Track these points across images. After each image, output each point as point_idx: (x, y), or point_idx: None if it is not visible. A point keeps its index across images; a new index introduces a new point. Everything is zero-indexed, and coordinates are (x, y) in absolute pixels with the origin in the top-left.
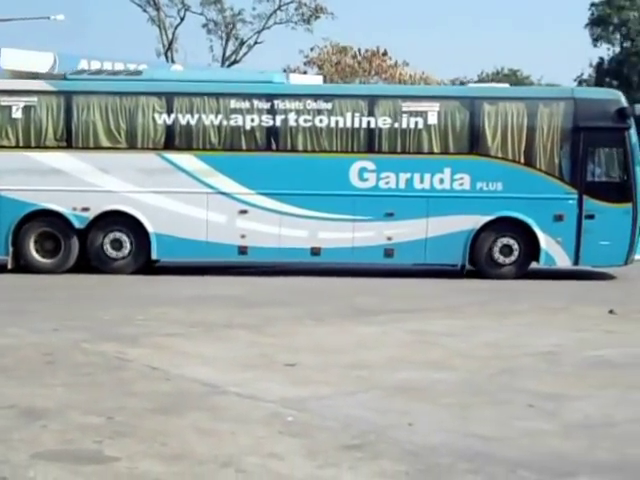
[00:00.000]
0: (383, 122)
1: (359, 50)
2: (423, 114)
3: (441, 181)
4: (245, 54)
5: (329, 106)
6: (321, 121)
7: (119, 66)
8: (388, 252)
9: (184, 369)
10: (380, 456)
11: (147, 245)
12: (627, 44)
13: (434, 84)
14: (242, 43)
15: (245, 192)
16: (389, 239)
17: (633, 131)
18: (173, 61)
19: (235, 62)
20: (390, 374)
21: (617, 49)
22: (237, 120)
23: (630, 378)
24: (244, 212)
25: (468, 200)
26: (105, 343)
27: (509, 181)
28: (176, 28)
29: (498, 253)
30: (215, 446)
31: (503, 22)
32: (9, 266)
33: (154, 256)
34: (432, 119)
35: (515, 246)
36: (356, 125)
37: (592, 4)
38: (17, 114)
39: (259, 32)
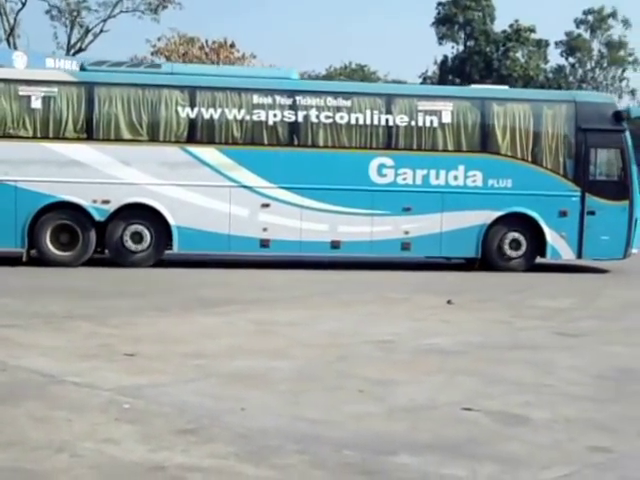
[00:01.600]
0: (400, 120)
1: (207, 41)
2: (438, 113)
3: (455, 178)
4: (90, 42)
5: (348, 103)
6: (341, 118)
7: None
8: (405, 245)
9: (21, 360)
10: (213, 439)
11: (167, 238)
12: (471, 43)
13: None
14: (87, 31)
15: (267, 186)
16: (406, 233)
17: (628, 133)
18: (15, 47)
19: (80, 50)
20: (229, 362)
21: (461, 48)
22: (259, 115)
23: (457, 364)
24: (266, 206)
25: (480, 196)
26: None
27: (518, 178)
28: (17, 13)
29: (507, 247)
30: (50, 433)
31: (352, 17)
32: (24, 259)
33: (176, 249)
34: (446, 118)
35: (523, 240)
36: (375, 122)
37: (439, 3)
38: (36, 104)
39: (105, 20)
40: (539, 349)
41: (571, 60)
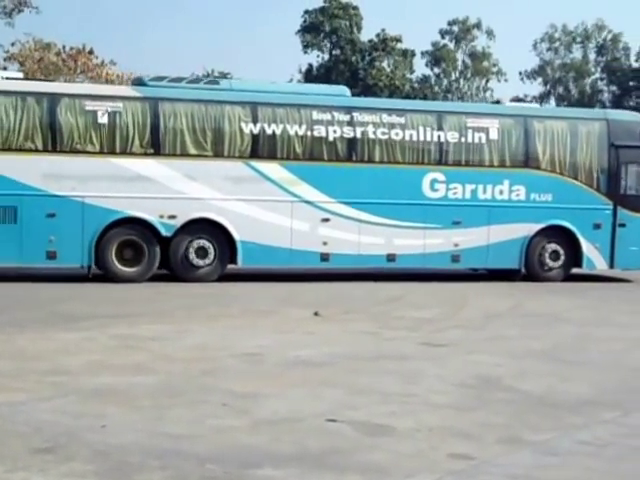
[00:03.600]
0: (451, 136)
1: (64, 47)
2: (485, 130)
3: (501, 192)
4: None
5: (402, 120)
6: (396, 134)
7: None
8: (455, 258)
9: None
10: (71, 458)
11: (230, 253)
12: (337, 52)
13: None
14: None
15: (327, 201)
16: (456, 245)
17: None
18: None
19: None
20: (89, 379)
21: (326, 56)
22: (319, 131)
23: (323, 376)
24: (326, 220)
25: (523, 210)
26: None
27: (557, 192)
28: None
29: (547, 258)
30: None
31: (213, 23)
32: (90, 275)
33: (240, 264)
34: (493, 134)
35: (561, 251)
36: (427, 139)
37: (306, 11)
38: (102, 119)
39: None
40: (405, 359)
41: (436, 70)
